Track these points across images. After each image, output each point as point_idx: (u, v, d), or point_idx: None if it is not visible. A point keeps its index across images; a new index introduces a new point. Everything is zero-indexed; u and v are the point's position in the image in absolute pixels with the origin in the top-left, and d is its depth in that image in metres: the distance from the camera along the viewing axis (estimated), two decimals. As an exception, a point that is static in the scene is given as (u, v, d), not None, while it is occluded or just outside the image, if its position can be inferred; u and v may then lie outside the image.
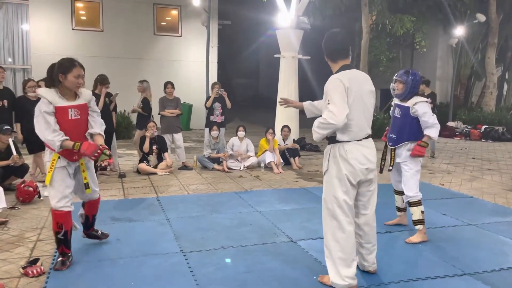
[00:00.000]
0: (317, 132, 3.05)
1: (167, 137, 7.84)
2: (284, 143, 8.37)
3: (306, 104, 3.62)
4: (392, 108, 4.55)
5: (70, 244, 3.54)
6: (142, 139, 7.57)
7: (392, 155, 4.40)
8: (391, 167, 4.43)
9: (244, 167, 7.90)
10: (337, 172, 3.07)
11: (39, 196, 5.54)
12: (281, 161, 7.97)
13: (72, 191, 3.51)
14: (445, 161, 9.42)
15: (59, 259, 3.49)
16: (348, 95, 2.99)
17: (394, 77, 4.35)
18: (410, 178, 4.25)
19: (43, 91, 3.38)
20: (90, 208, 3.78)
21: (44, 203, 5.42)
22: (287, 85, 10.50)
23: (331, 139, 3.13)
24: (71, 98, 3.44)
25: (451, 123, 15.15)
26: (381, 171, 4.41)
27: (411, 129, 4.28)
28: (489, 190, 6.60)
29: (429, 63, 20.11)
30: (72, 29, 13.94)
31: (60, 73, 3.35)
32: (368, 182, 3.19)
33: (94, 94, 7.13)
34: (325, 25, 15.70)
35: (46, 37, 13.58)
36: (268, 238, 4.25)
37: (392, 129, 4.42)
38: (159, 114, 8.05)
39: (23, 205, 5.29)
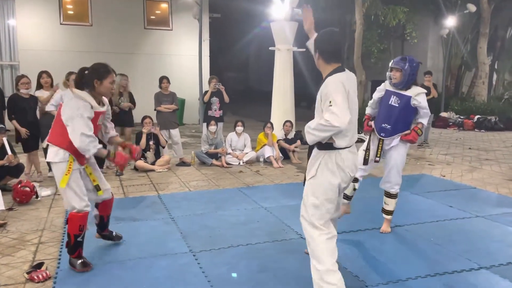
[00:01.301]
0: (314, 135, 2.75)
1: (164, 133, 7.69)
2: (286, 137, 8.27)
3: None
4: (381, 95, 4.21)
5: None
6: (138, 136, 7.41)
7: (381, 145, 4.15)
8: (378, 158, 4.18)
9: (243, 162, 7.79)
10: (328, 180, 2.81)
11: (37, 197, 5.38)
12: (280, 155, 7.88)
13: None
14: (443, 151, 9.42)
15: (79, 261, 3.36)
16: (348, 99, 2.77)
17: (390, 65, 4.11)
18: (400, 164, 4.15)
19: (84, 94, 3.23)
20: (104, 208, 3.67)
21: (42, 204, 5.26)
22: (283, 78, 10.36)
23: (326, 145, 2.82)
24: (99, 104, 3.35)
25: (444, 114, 15.20)
26: (366, 163, 4.18)
27: (407, 120, 4.14)
28: (491, 181, 6.59)
29: (419, 54, 20.09)
30: (60, 24, 13.61)
31: (96, 78, 3.25)
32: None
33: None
34: (318, 17, 15.57)
35: (34, 32, 13.25)
36: (277, 235, 4.17)
37: (387, 119, 4.12)
38: (155, 109, 7.88)
39: (20, 206, 5.13)
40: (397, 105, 4.10)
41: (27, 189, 5.26)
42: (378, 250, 3.82)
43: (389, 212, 4.29)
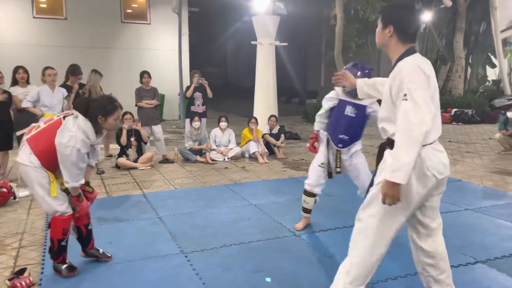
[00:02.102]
0: (406, 165, 2.11)
1: (145, 130, 7.47)
2: (271, 132, 8.18)
3: (360, 82, 2.88)
4: (334, 104, 3.95)
5: None
6: (118, 132, 7.19)
7: (339, 156, 3.98)
8: (339, 169, 4.01)
9: (228, 158, 7.66)
10: (405, 185, 2.21)
11: (14, 198, 5.12)
12: (266, 150, 7.78)
13: None
14: (424, 145, 9.49)
15: (64, 266, 3.18)
16: (429, 87, 2.23)
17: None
18: (366, 166, 4.04)
19: (88, 129, 3.02)
20: (78, 216, 3.26)
21: (20, 205, 5.01)
22: (265, 73, 10.27)
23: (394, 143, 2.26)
24: (99, 135, 3.17)
25: (422, 108, 15.37)
26: (331, 176, 4.05)
27: (362, 129, 4.02)
28: (475, 173, 6.65)
29: (397, 48, 20.31)
30: (33, 17, 13.11)
31: (101, 115, 3.06)
32: (439, 195, 2.48)
33: (66, 86, 6.73)
34: (296, 10, 15.50)
35: (5, 26, 12.72)
36: (270, 233, 4.06)
37: (345, 130, 3.92)
38: (136, 105, 7.67)
39: (-3, 208, 4.88)
40: (353, 115, 3.89)
41: (4, 189, 5.01)
42: (373, 246, 3.76)
43: None
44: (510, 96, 15.78)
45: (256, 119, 8.00)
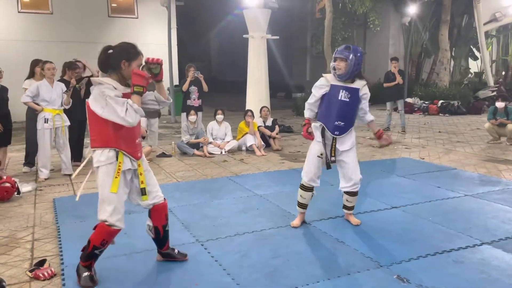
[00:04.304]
0: None
1: (143, 121, 7.46)
2: (265, 124, 8.25)
3: None
4: (326, 92, 3.81)
5: None
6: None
7: (334, 144, 3.81)
8: (333, 158, 3.83)
9: (225, 152, 7.71)
10: None
11: (18, 193, 5.09)
12: (262, 143, 7.85)
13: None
14: (415, 136, 9.70)
15: (86, 273, 2.94)
16: None
17: (334, 55, 3.75)
18: (357, 164, 3.91)
19: (104, 79, 2.84)
20: (157, 216, 3.16)
21: (24, 200, 5.00)
22: (257, 66, 10.31)
23: None
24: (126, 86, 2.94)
25: (409, 100, 15.63)
26: (329, 167, 3.87)
27: (356, 113, 3.90)
28: (468, 162, 6.85)
29: (381, 42, 20.59)
30: (19, 12, 12.90)
31: (124, 59, 2.85)
32: None
33: (63, 80, 6.68)
34: (281, 4, 15.56)
35: (-10, 21, 12.52)
36: (280, 221, 4.15)
37: (340, 116, 3.77)
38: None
39: (1, 204, 4.84)
40: (348, 99, 3.76)
41: (8, 184, 4.97)
42: (383, 231, 3.88)
43: (353, 208, 4.12)
44: (493, 87, 16.17)
45: (252, 112, 8.05)
